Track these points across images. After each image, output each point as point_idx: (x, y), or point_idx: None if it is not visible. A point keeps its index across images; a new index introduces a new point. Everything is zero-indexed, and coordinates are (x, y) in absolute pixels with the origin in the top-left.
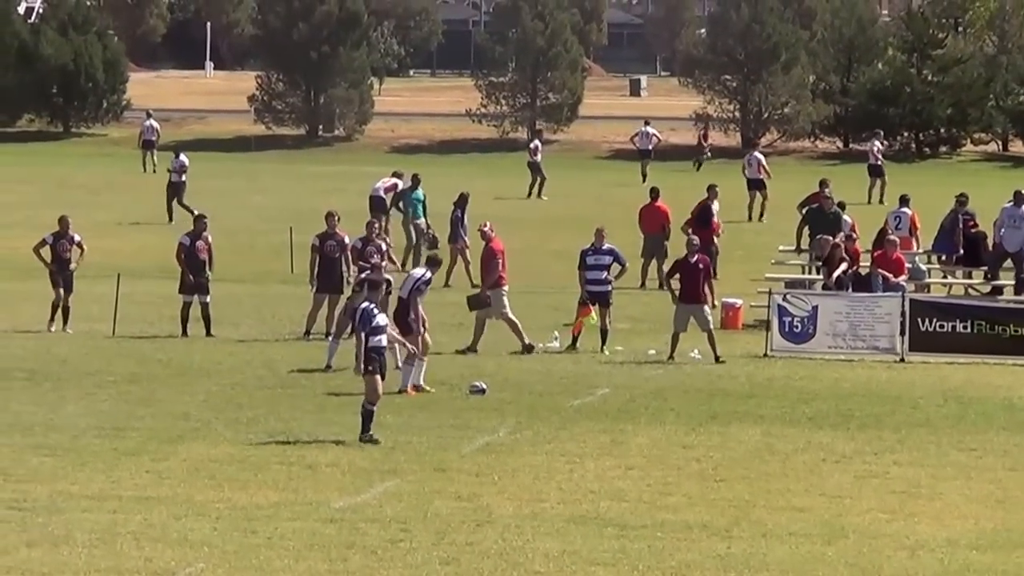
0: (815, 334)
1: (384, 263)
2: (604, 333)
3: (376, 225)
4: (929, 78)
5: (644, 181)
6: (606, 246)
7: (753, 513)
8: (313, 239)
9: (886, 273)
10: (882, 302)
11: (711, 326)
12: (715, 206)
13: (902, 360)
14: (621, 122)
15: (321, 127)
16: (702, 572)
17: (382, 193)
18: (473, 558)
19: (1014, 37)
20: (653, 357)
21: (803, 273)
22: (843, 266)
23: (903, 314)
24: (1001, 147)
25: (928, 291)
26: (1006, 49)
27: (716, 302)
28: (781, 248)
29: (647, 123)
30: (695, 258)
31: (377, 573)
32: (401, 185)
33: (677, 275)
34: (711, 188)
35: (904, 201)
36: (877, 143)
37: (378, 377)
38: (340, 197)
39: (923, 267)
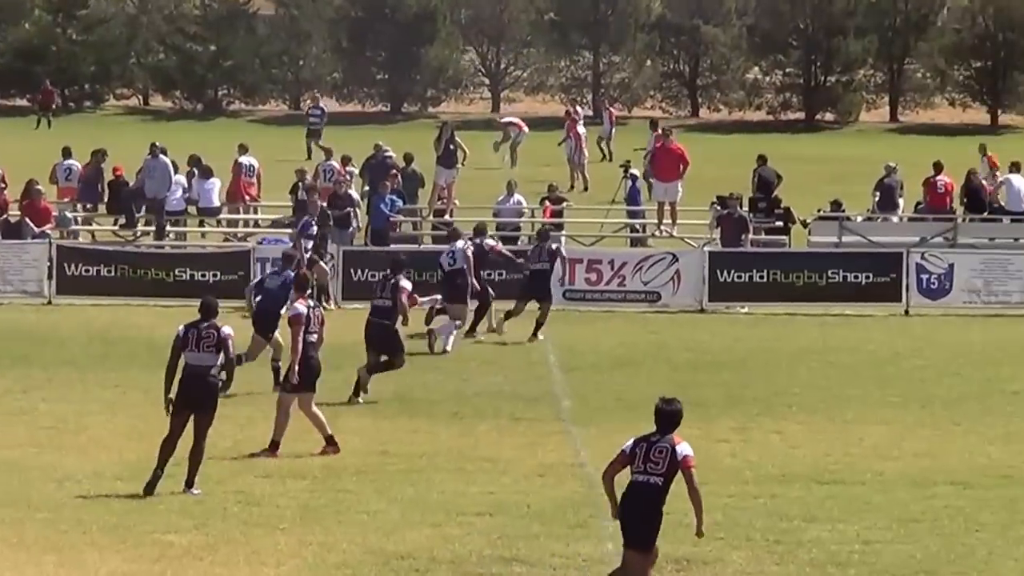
0: None
1: None
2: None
3: None
4: (74, 37)
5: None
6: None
7: None
8: None
9: (31, 222)
10: (30, 248)
11: None
12: None
13: (50, 303)
14: None
15: None
16: None
17: None
18: None
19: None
20: None
21: None
22: None
23: (50, 259)
24: (142, 101)
25: (76, 238)
26: (146, 10)
27: None
28: None
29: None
30: None
31: None
32: None
33: None
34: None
35: (67, 153)
36: None
37: None
38: None
39: (70, 215)
